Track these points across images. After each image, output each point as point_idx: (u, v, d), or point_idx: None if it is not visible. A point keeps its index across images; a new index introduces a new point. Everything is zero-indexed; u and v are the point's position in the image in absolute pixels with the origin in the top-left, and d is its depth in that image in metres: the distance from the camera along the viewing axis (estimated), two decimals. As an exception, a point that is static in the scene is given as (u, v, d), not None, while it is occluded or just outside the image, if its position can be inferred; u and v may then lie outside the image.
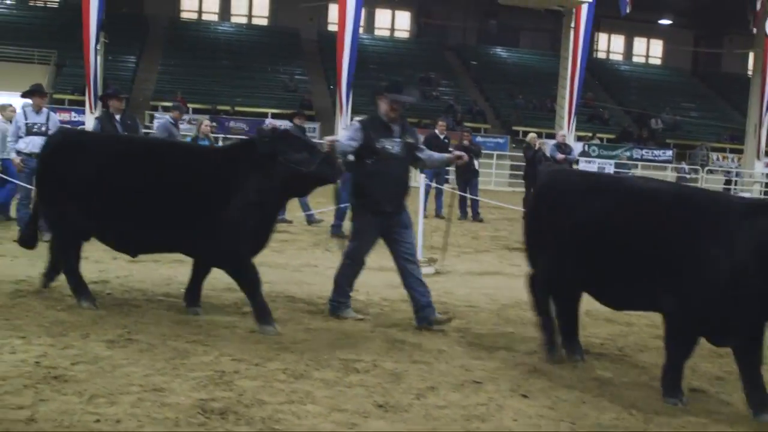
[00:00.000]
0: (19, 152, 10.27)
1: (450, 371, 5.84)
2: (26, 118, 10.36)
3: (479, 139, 29.69)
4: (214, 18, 40.47)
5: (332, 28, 41.01)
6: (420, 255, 10.25)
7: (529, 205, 7.15)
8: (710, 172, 31.36)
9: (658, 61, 46.38)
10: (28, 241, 7.83)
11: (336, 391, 5.20)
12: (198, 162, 6.99)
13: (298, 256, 10.99)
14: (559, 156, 17.85)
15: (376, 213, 7.06)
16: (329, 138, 6.96)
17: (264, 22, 40.89)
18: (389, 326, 7.10)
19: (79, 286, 7.10)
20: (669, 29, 43.60)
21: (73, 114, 27.97)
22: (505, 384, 5.62)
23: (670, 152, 33.99)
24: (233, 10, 40.51)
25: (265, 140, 6.70)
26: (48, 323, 6.38)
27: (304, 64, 37.45)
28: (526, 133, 31.07)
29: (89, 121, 24.36)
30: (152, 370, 5.34)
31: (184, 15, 40.17)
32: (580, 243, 5.84)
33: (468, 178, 17.05)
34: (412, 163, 7.41)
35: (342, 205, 11.67)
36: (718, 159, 34.43)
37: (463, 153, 7.72)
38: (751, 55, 45.57)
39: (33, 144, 10.23)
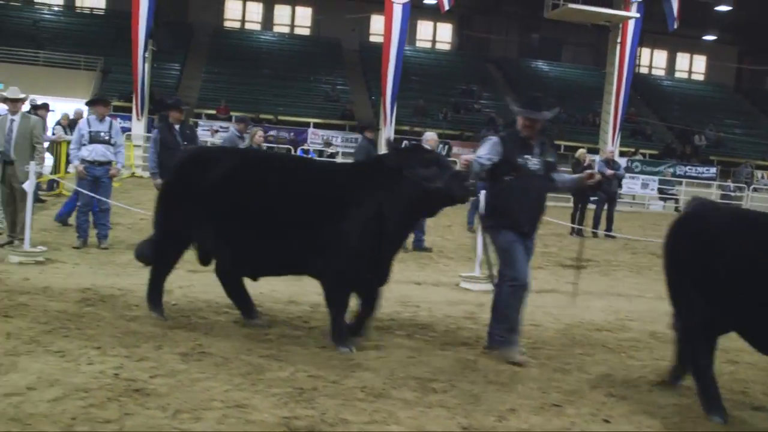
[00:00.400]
0: (82, 160, 10.32)
1: (527, 393, 5.73)
2: (89, 127, 10.42)
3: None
4: (257, 27, 40.71)
5: (374, 39, 41.20)
6: (477, 271, 10.18)
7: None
8: (755, 190, 30.85)
9: (701, 77, 45.87)
10: None
11: (418, 411, 5.11)
12: (329, 178, 6.70)
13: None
14: (608, 172, 17.68)
15: (514, 231, 6.58)
16: (465, 156, 6.54)
17: (306, 32, 41.06)
18: (458, 345, 6.98)
19: (155, 296, 7.05)
20: (713, 45, 43.13)
21: (119, 120, 28.16)
22: (584, 408, 5.50)
23: (714, 169, 33.53)
24: (276, 20, 40.72)
25: (392, 153, 6.48)
26: (120, 333, 6.37)
27: (346, 74, 37.52)
28: (569, 148, 30.99)
29: (136, 127, 24.62)
30: (231, 385, 5.29)
31: (228, 24, 40.45)
32: (735, 286, 5.28)
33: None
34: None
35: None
36: (762, 177, 33.87)
37: (595, 171, 7.59)
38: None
39: (96, 152, 10.29)
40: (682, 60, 45.65)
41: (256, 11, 40.42)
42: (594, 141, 32.87)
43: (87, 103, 10.62)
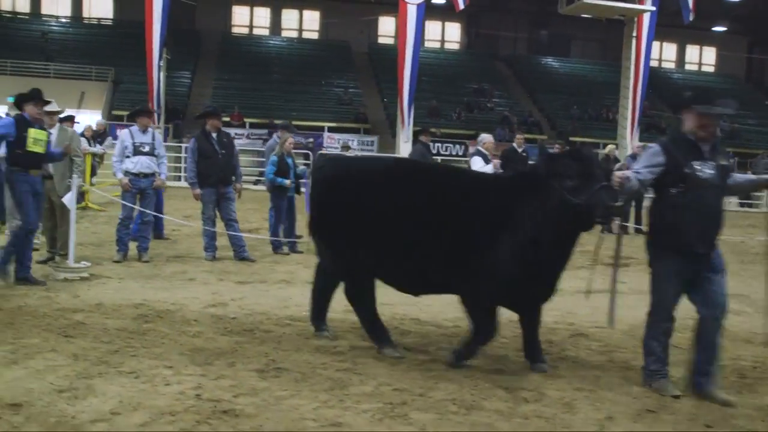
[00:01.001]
0: (126, 172, 10.13)
1: (618, 399, 5.52)
2: (133, 138, 10.22)
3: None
4: (265, 32, 40.56)
5: (383, 41, 41.10)
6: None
7: None
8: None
9: (711, 69, 45.62)
10: None
11: (516, 423, 4.92)
12: (483, 190, 6.23)
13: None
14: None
15: (683, 254, 5.64)
16: (619, 174, 5.69)
17: (314, 36, 40.93)
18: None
19: (381, 334, 6.53)
20: (722, 36, 42.91)
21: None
22: (680, 413, 5.30)
23: (731, 161, 33.22)
24: (284, 25, 40.58)
25: (543, 161, 6.00)
26: (188, 351, 6.17)
27: (356, 77, 37.36)
28: (583, 144, 30.78)
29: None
30: (317, 402, 5.09)
31: (236, 30, 40.32)
32: None
33: None
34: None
35: None
36: (776, 168, 33.57)
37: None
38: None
39: (141, 164, 10.11)
40: (692, 52, 45.42)
41: (263, 16, 40.28)
42: (610, 136, 32.67)
43: (129, 115, 10.43)
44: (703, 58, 45.63)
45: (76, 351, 6.00)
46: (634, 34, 26.74)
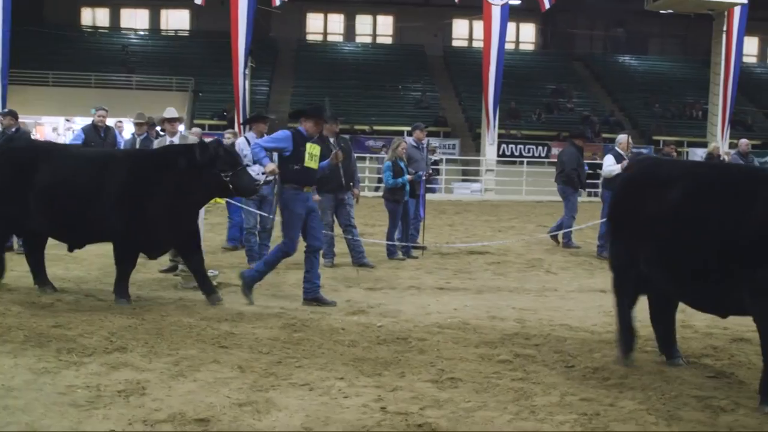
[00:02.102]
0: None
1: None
2: (251, 146, 10.12)
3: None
4: (339, 39, 40.62)
5: (457, 43, 40.75)
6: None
7: None
8: None
9: (795, 62, 44.16)
10: None
11: (727, 437, 4.60)
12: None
13: (533, 279, 10.40)
14: (743, 165, 16.90)
15: None
16: None
17: (389, 40, 40.82)
18: (699, 356, 6.45)
19: (627, 337, 6.13)
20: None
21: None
22: None
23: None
24: (358, 30, 40.57)
25: None
26: (351, 361, 5.99)
27: (432, 80, 37.09)
28: (667, 143, 29.96)
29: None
30: (509, 414, 4.85)
31: (310, 37, 40.46)
32: None
33: None
34: None
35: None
36: None
37: None
38: None
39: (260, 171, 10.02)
40: (775, 46, 44.02)
41: (337, 22, 40.33)
42: (694, 134, 31.81)
43: (245, 122, 10.35)
44: (786, 51, 44.18)
45: (239, 362, 5.86)
46: (724, 28, 25.86)
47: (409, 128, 31.49)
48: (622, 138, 12.29)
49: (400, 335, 6.86)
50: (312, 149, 8.17)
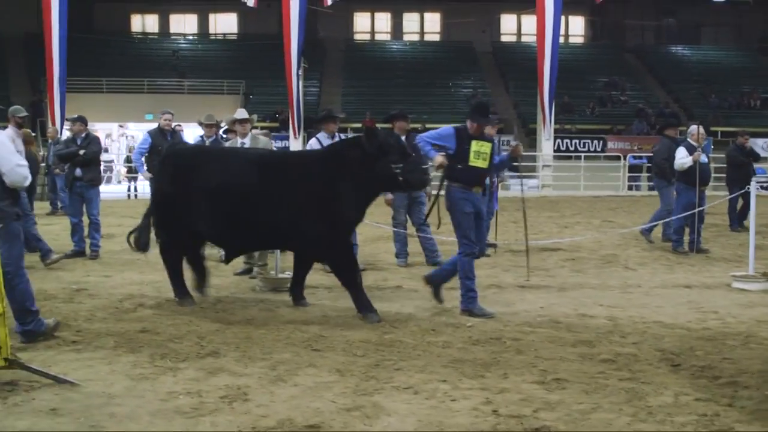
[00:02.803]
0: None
1: None
2: (321, 145, 10.03)
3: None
4: (387, 37, 40.54)
5: (505, 39, 40.43)
6: (751, 269, 9.30)
7: None
8: None
9: None
10: None
11: None
12: None
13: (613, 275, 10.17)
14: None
15: None
16: None
17: (436, 37, 40.65)
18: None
19: None
20: None
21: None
22: None
23: None
24: (405, 29, 40.44)
25: None
26: (450, 363, 5.87)
27: (482, 76, 36.84)
28: (726, 134, 29.33)
29: (294, 145, 24.59)
30: (626, 416, 4.69)
31: (358, 37, 40.45)
32: None
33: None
34: None
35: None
36: None
37: None
38: None
39: None
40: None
41: (384, 21, 40.25)
42: (754, 124, 31.07)
43: (316, 121, 10.31)
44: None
45: (336, 366, 5.77)
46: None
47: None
48: (694, 129, 11.96)
49: (492, 335, 6.72)
50: (479, 146, 7.57)
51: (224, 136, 12.22)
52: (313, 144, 10.04)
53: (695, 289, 9.05)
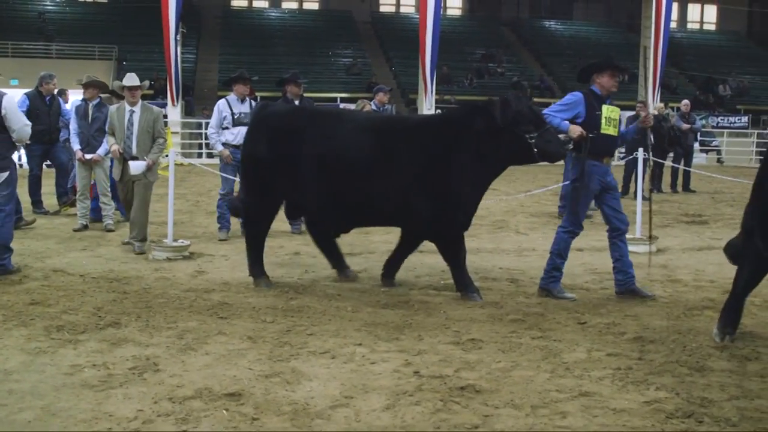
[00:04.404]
0: (225, 144, 9.63)
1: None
2: (231, 108, 9.69)
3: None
4: (265, 5, 39.77)
5: (384, 9, 40.44)
6: (638, 232, 9.67)
7: None
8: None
9: (712, 27, 45.34)
10: None
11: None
12: None
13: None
14: (684, 125, 17.25)
15: None
16: None
17: (315, 6, 40.20)
18: (701, 308, 6.51)
19: None
20: (722, -7, 42.60)
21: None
22: None
23: (745, 118, 33.08)
24: (284, -4, 39.87)
25: None
26: (363, 327, 5.85)
27: (362, 46, 36.74)
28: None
29: (171, 113, 23.84)
30: (545, 372, 4.78)
31: (235, 3, 39.50)
32: None
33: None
34: None
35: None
36: (790, 124, 33.49)
37: None
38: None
39: (241, 135, 9.55)
40: (694, 10, 45.08)
41: (263, -12, 39.52)
42: (623, 98, 32.30)
43: (225, 82, 9.91)
44: (704, 16, 45.30)
45: (246, 333, 5.62)
46: (655, -8, 26.20)
47: (342, 95, 31.29)
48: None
49: (400, 299, 6.71)
50: (610, 112, 6.81)
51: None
52: (221, 106, 9.67)
53: (587, 252, 9.32)
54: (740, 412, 4.17)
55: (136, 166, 8.83)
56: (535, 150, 6.55)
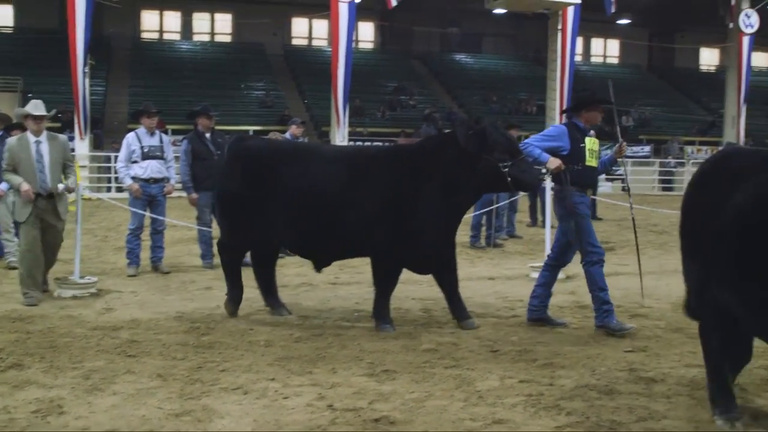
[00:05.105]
0: (134, 178, 9.42)
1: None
2: (140, 142, 9.49)
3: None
4: (176, 37, 39.33)
5: (297, 42, 40.55)
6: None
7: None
8: (695, 164, 31.72)
9: (615, 60, 47.03)
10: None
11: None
12: None
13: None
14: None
15: None
16: None
17: (227, 39, 39.95)
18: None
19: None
20: (625, 28, 44.17)
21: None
22: None
23: (647, 148, 34.28)
24: (195, 29, 39.41)
25: None
26: (275, 361, 5.76)
27: (275, 79, 36.66)
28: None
29: (80, 147, 23.26)
30: (459, 401, 4.81)
31: (145, 35, 38.93)
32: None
33: None
34: None
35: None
36: (692, 152, 34.85)
37: None
38: (702, 50, 47.16)
39: (151, 169, 9.40)
40: (597, 45, 46.67)
41: (174, 20, 39.00)
42: (531, 129, 33.08)
43: (133, 115, 9.70)
44: (607, 50, 46.94)
45: (156, 371, 5.49)
46: (559, 27, 27.06)
47: (255, 127, 31.08)
48: None
49: (314, 332, 6.66)
50: (592, 144, 6.85)
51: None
52: (130, 140, 9.48)
53: (498, 281, 9.47)
54: (647, 433, 4.29)
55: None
56: (509, 179, 6.61)
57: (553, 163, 6.66)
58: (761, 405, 4.82)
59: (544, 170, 6.87)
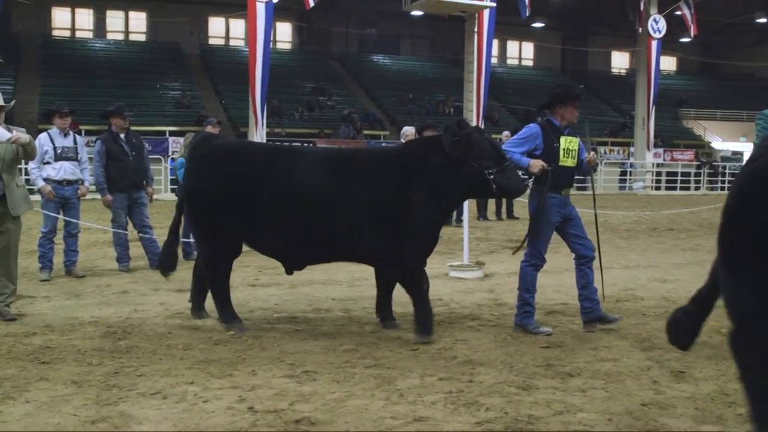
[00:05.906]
0: (47, 180, 9.16)
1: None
2: (53, 142, 9.23)
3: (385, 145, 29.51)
4: (89, 35, 38.39)
5: (214, 41, 40.09)
6: (465, 258, 10.03)
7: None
8: (607, 164, 32.64)
9: (530, 62, 47.98)
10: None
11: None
12: None
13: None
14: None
15: None
16: None
17: (142, 38, 39.22)
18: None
19: None
20: (539, 31, 45.15)
21: None
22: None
23: (561, 148, 35.10)
24: (109, 27, 38.55)
25: None
26: (194, 364, 5.69)
27: (191, 79, 36.18)
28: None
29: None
30: (380, 400, 4.84)
31: (57, 33, 37.89)
32: None
33: None
34: None
35: None
36: (605, 153, 35.82)
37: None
38: (614, 54, 48.58)
39: (65, 170, 9.16)
40: (513, 47, 47.54)
41: (86, 17, 38.05)
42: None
43: (44, 115, 9.37)
44: (522, 53, 47.86)
45: (71, 377, 5.35)
46: (475, 29, 27.46)
47: (171, 128, 30.61)
48: (409, 130, 12.63)
49: (233, 334, 6.61)
50: (568, 143, 6.71)
51: None
52: (42, 140, 9.21)
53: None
54: (565, 426, 4.40)
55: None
56: (494, 186, 6.48)
57: (535, 166, 6.56)
58: None
59: (527, 176, 6.78)
